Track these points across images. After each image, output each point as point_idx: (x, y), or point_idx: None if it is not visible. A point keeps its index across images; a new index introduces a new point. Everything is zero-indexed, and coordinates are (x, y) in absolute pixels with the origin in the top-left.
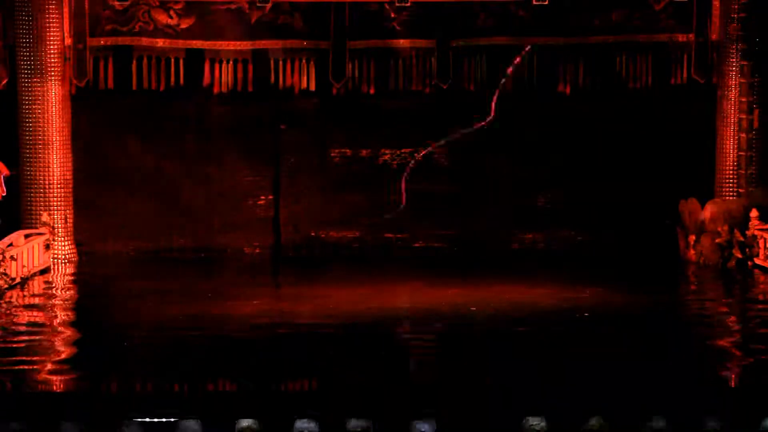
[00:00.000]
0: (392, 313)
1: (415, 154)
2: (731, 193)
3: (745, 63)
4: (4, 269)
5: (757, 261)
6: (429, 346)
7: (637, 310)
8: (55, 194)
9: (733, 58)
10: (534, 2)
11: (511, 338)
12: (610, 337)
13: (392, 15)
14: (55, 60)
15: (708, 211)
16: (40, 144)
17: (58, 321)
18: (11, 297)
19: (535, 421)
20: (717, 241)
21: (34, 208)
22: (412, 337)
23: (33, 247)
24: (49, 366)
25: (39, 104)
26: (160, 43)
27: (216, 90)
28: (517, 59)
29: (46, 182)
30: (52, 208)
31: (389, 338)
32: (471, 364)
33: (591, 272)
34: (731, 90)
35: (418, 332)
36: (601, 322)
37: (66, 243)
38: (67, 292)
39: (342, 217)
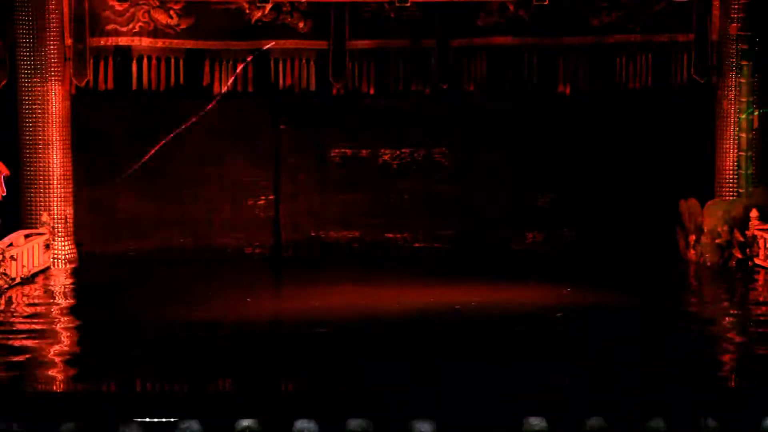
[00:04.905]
0: (392, 313)
1: None
2: (731, 193)
3: (745, 63)
4: (4, 269)
5: (757, 261)
6: (428, 346)
7: (637, 310)
8: (55, 194)
9: (733, 58)
10: (534, 2)
11: (511, 338)
12: (609, 337)
13: (392, 15)
14: (55, 60)
15: (708, 211)
16: (40, 144)
17: (57, 321)
18: (11, 297)
19: (535, 421)
20: (717, 241)
21: (34, 208)
22: (411, 337)
23: (33, 247)
24: (49, 366)
25: (39, 104)
26: (160, 43)
27: (216, 90)
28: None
29: (46, 182)
30: (52, 208)
31: (389, 338)
32: (469, 363)
33: (591, 272)
34: (731, 90)
35: (417, 332)
36: (601, 322)
37: (66, 243)
38: (67, 293)
39: (342, 217)
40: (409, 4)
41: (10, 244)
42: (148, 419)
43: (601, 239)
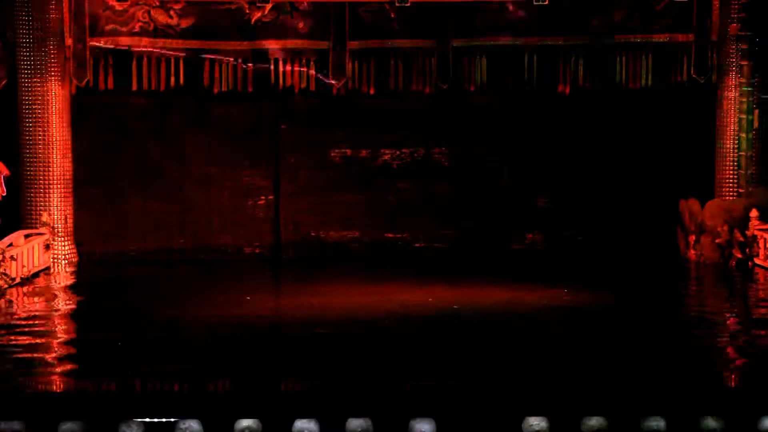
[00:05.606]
0: (391, 313)
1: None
2: (731, 193)
3: (745, 63)
4: (4, 269)
5: (757, 261)
6: (427, 346)
7: (637, 310)
8: (55, 194)
9: (733, 58)
10: (534, 2)
11: (511, 338)
12: (609, 337)
13: (392, 15)
14: (55, 60)
15: (708, 211)
16: (40, 144)
17: (57, 321)
18: (11, 297)
19: (535, 421)
20: (717, 241)
21: (34, 208)
22: (411, 337)
23: (33, 247)
24: (49, 366)
25: (39, 104)
26: (160, 43)
27: (216, 90)
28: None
29: (46, 182)
30: (52, 208)
31: (389, 338)
32: (469, 364)
33: (591, 272)
34: (731, 90)
35: (416, 332)
36: (601, 322)
37: (66, 243)
38: (67, 293)
39: (342, 217)
40: (409, 4)
41: (10, 244)
42: (148, 419)
43: (601, 239)
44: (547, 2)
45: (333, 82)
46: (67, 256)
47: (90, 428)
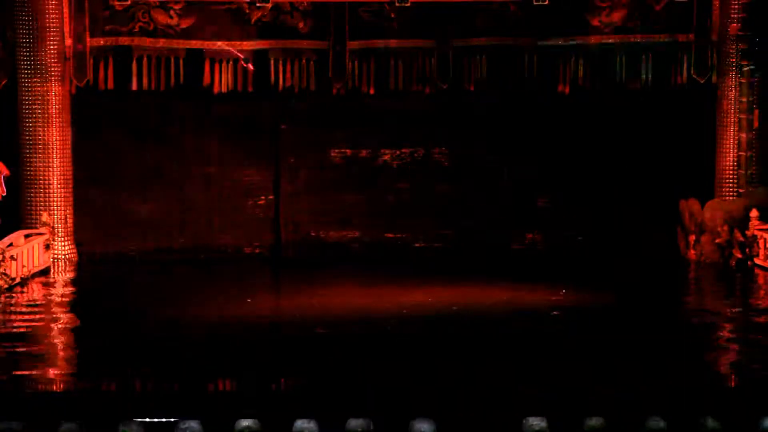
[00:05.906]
0: (391, 313)
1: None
2: (731, 193)
3: (745, 63)
4: (4, 269)
5: (757, 261)
6: (427, 346)
7: (637, 310)
8: (55, 194)
9: (733, 58)
10: (534, 2)
11: (512, 338)
12: (609, 337)
13: (392, 15)
14: (55, 60)
15: (708, 211)
16: (40, 144)
17: (57, 321)
18: (11, 297)
19: (535, 421)
20: (717, 241)
21: (34, 208)
22: (410, 338)
23: (33, 247)
24: (49, 366)
25: (39, 104)
26: (160, 43)
27: (216, 90)
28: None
29: (46, 182)
30: (52, 208)
31: (389, 338)
32: (469, 364)
33: (591, 272)
34: (731, 90)
35: (415, 332)
36: (601, 322)
37: (66, 243)
38: (67, 293)
39: (342, 217)
40: (409, 4)
41: (10, 244)
42: (148, 419)
43: (601, 239)
44: (547, 2)
45: (251, 66)
46: (67, 256)
47: (90, 428)
